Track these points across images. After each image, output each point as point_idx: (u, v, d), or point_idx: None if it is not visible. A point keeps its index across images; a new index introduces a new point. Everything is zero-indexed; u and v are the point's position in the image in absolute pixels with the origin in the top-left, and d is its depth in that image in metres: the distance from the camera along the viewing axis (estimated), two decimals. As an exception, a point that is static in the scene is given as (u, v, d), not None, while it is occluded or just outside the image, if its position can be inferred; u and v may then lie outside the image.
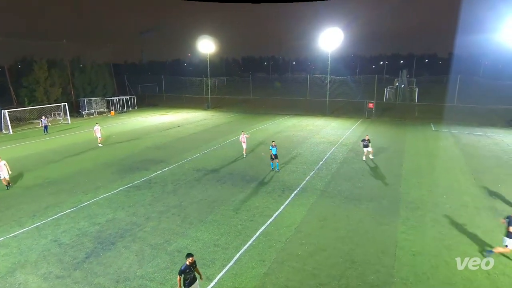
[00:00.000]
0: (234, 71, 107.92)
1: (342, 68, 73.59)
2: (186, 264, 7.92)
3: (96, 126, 26.21)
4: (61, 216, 13.60)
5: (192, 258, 7.97)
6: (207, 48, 49.39)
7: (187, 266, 7.89)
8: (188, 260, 7.90)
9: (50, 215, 13.68)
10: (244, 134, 21.86)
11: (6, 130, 32.48)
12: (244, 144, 21.78)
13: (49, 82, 42.81)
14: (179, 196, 15.53)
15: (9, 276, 9.74)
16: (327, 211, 13.86)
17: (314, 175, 18.36)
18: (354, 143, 25.78)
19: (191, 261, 7.93)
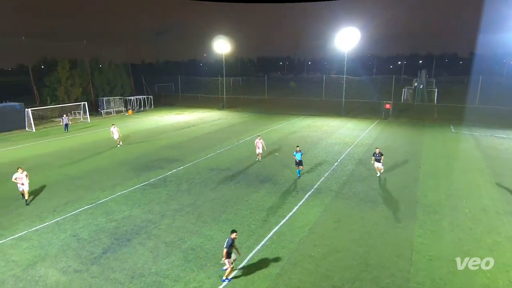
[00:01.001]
0: (249, 71, 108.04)
1: (359, 68, 72.57)
2: (231, 238, 9.20)
3: (113, 127, 25.98)
4: (79, 212, 14.00)
5: (236, 233, 9.35)
6: (223, 48, 49.68)
7: (233, 240, 9.21)
8: (233, 235, 9.25)
9: (69, 210, 14.10)
10: (259, 139, 20.94)
11: (29, 128, 33.68)
12: (259, 149, 20.87)
13: (70, 81, 44.14)
14: (193, 195, 15.70)
15: (30, 269, 10.10)
16: (342, 213, 13.70)
17: (329, 176, 18.18)
18: (370, 144, 25.38)
19: (235, 237, 9.27)
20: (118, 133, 25.70)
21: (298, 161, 17.64)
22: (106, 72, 50.37)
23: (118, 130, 25.90)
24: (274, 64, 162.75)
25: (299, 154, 17.62)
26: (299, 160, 17.63)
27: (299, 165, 17.74)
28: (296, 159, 17.66)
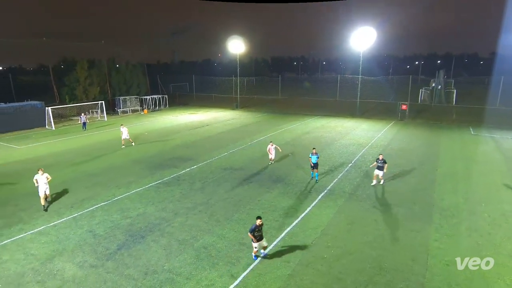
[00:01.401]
0: (263, 71, 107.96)
1: (374, 68, 71.40)
2: (256, 224, 9.89)
3: (122, 127, 25.74)
4: (96, 208, 14.33)
5: (261, 220, 9.99)
6: (237, 48, 49.86)
7: (256, 226, 9.86)
8: (258, 221, 9.90)
9: (86, 207, 14.46)
10: (272, 145, 20.18)
11: (49, 126, 34.72)
12: (271, 155, 20.12)
13: (88, 81, 45.28)
14: (206, 194, 15.82)
15: (48, 263, 10.42)
16: (355, 215, 13.53)
17: (343, 177, 17.99)
18: (386, 146, 24.96)
19: (260, 223, 9.89)
20: (127, 133, 25.50)
21: (313, 164, 17.19)
22: (123, 72, 51.40)
23: (127, 130, 25.71)
24: (288, 64, 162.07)
25: (314, 157, 17.06)
26: (314, 163, 17.16)
27: (314, 168, 17.29)
28: (312, 161, 17.22)
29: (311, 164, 17.30)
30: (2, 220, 13.24)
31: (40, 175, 14.12)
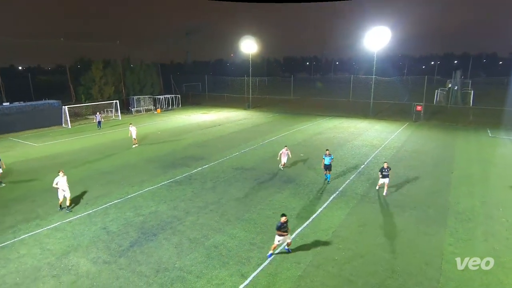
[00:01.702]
0: (276, 71, 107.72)
1: (389, 68, 70.27)
2: (281, 222, 10.15)
3: (131, 126, 25.72)
4: (109, 205, 14.60)
5: (286, 217, 10.24)
6: (250, 48, 49.96)
7: (282, 224, 10.13)
8: (283, 219, 10.17)
9: (100, 204, 14.75)
10: (286, 150, 19.18)
11: (65, 124, 35.58)
12: (284, 159, 19.14)
13: (103, 80, 46.22)
14: (218, 193, 15.91)
15: (63, 258, 10.68)
16: (367, 217, 13.36)
17: (355, 179, 17.79)
18: (399, 147, 24.55)
19: (285, 220, 10.17)
20: (136, 133, 25.48)
21: (326, 165, 16.87)
22: (137, 72, 52.22)
23: (136, 130, 25.71)
24: (300, 64, 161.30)
25: (328, 158, 16.71)
26: (326, 164, 16.86)
27: (327, 169, 17.03)
28: (324, 162, 16.91)
29: (324, 165, 17.03)
30: (20, 216, 13.64)
31: (61, 177, 13.80)
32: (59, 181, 13.65)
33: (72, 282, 9.49)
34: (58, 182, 13.63)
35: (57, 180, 13.63)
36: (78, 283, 9.45)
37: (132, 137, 25.49)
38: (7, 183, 17.49)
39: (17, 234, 12.14)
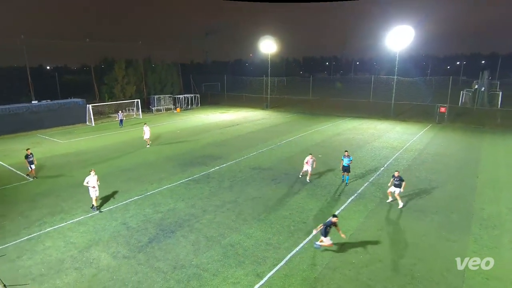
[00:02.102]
0: (295, 71, 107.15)
1: (411, 68, 68.48)
2: (331, 220, 10.52)
3: (145, 126, 25.62)
4: (129, 202, 14.98)
5: (337, 218, 10.63)
6: (269, 48, 49.91)
7: (332, 223, 10.47)
8: (333, 219, 10.51)
9: (120, 200, 15.15)
10: (311, 158, 17.22)
11: (89, 122, 36.79)
12: (307, 167, 17.12)
13: (125, 80, 47.45)
14: (235, 192, 15.99)
15: (85, 251, 11.05)
16: (387, 221, 13.06)
17: (374, 181, 17.43)
18: (421, 150, 23.85)
19: (335, 220, 10.52)
20: (149, 133, 25.41)
21: (344, 167, 16.68)
22: (158, 72, 53.29)
23: (150, 130, 25.64)
24: (320, 64, 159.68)
25: (347, 159, 16.54)
26: (345, 166, 16.66)
27: (345, 171, 16.81)
28: (343, 164, 16.73)
29: (342, 166, 16.83)
30: (46, 209, 14.22)
31: (92, 176, 13.98)
32: (90, 180, 13.87)
33: (93, 275, 9.80)
34: (89, 181, 13.86)
35: (88, 179, 13.88)
36: (98, 276, 9.75)
37: (145, 137, 25.31)
38: (34, 177, 18.29)
39: (43, 227, 12.67)
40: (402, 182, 14.07)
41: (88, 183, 13.82)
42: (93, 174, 14.02)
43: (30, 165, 17.92)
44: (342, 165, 16.80)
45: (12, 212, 13.98)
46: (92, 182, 13.89)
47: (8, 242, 11.59)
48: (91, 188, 13.91)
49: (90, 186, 13.86)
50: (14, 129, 31.10)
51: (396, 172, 14.44)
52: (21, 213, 13.94)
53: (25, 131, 31.75)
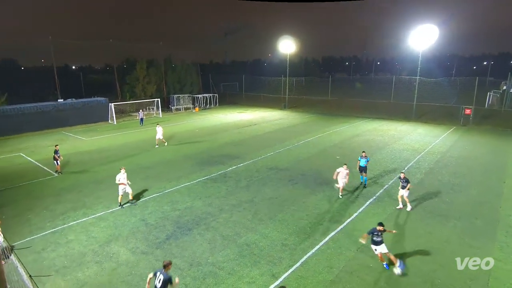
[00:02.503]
0: (314, 71, 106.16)
1: (435, 68, 66.32)
2: (375, 228, 9.91)
3: (158, 127, 25.58)
4: (148, 199, 15.30)
5: (382, 227, 9.86)
6: (288, 48, 49.70)
7: (375, 230, 9.88)
8: (378, 227, 9.86)
9: (139, 197, 15.50)
10: (346, 169, 15.24)
11: (111, 120, 37.86)
12: (343, 181, 15.15)
13: (146, 79, 48.52)
14: (251, 192, 16.03)
15: (106, 246, 11.38)
16: (406, 225, 12.72)
17: (394, 184, 17.01)
18: (444, 152, 23.08)
19: (380, 229, 9.85)
20: (161, 133, 25.34)
21: (361, 167, 16.55)
22: (178, 71, 54.15)
23: (162, 130, 25.61)
24: (339, 64, 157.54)
25: (363, 160, 16.41)
26: (362, 166, 16.53)
27: (362, 171, 16.65)
28: (360, 164, 16.60)
29: (359, 167, 16.64)
30: (69, 204, 14.75)
31: (122, 173, 14.29)
32: (121, 177, 14.19)
33: (113, 269, 10.08)
34: (120, 178, 14.17)
35: (119, 176, 14.22)
36: (118, 270, 10.02)
37: (156, 138, 25.29)
38: (59, 173, 19.01)
39: (67, 221, 13.15)
40: (408, 183, 13.80)
41: (119, 181, 14.17)
42: (123, 172, 14.38)
43: (56, 160, 18.69)
44: (359, 165, 16.64)
45: (38, 206, 14.59)
46: (122, 179, 14.23)
47: (34, 235, 12.10)
48: (120, 186, 14.24)
49: (120, 184, 14.19)
50: (41, 126, 32.44)
51: (402, 174, 14.18)
52: (46, 207, 14.53)
53: (51, 128, 33.05)
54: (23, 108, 31.87)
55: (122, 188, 14.28)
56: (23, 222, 13.09)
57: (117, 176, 14.30)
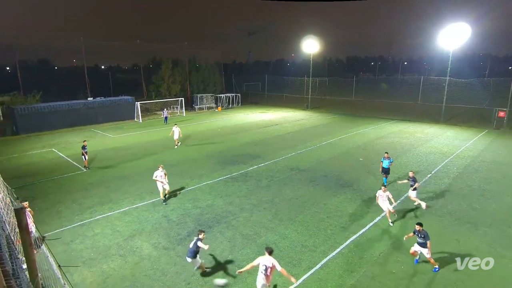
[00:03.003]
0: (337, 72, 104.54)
1: (466, 69, 63.41)
2: (416, 229, 10.01)
3: (175, 127, 25.52)
4: (171, 196, 15.62)
5: (420, 226, 9.95)
6: (311, 48, 49.22)
7: (416, 231, 9.98)
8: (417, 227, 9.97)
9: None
10: (385, 191, 12.98)
11: (137, 118, 39.02)
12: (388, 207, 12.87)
13: (171, 79, 49.61)
14: (272, 192, 16.00)
15: (129, 240, 11.74)
16: (432, 231, 12.18)
17: (419, 188, 16.42)
18: (475, 157, 22.03)
19: (418, 229, 9.92)
20: (178, 134, 25.20)
21: (384, 168, 16.52)
22: (202, 71, 55.01)
23: (179, 132, 25.47)
24: (364, 64, 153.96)
25: (386, 161, 16.44)
26: (384, 168, 16.47)
27: (384, 173, 16.61)
28: (383, 166, 16.57)
29: (381, 168, 16.62)
30: (96, 199, 15.34)
31: (160, 171, 14.63)
32: (158, 174, 14.53)
33: (136, 263, 10.38)
34: (157, 175, 14.52)
35: (156, 173, 14.55)
36: (140, 264, 10.31)
37: (174, 137, 25.24)
38: (87, 168, 19.81)
39: (93, 215, 13.68)
40: (415, 183, 13.88)
41: (156, 177, 14.55)
42: (160, 169, 14.75)
43: (84, 155, 19.48)
44: (382, 166, 16.59)
45: (68, 199, 15.29)
46: (160, 176, 14.59)
47: (64, 227, 12.68)
48: (159, 182, 14.61)
49: (158, 181, 14.58)
50: (72, 123, 33.96)
51: (411, 173, 14.34)
52: (75, 200, 15.19)
53: (81, 126, 34.51)
54: (55, 106, 33.48)
55: (160, 185, 14.61)
56: (54, 214, 13.75)
57: (155, 172, 14.63)
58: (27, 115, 31.50)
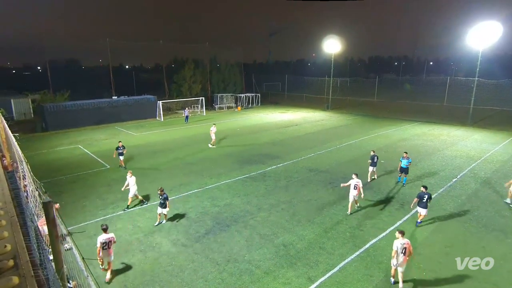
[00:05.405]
0: (359, 72, 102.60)
1: (496, 69, 60.60)
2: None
3: (213, 127, 25.73)
4: (190, 194, 15.88)
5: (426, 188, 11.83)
6: (333, 48, 48.56)
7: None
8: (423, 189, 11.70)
9: (182, 191, 16.14)
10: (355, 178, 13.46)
11: (159, 117, 39.87)
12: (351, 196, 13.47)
13: (193, 79, 50.39)
14: (290, 193, 15.92)
15: (149, 236, 12.02)
16: (457, 237, 11.81)
17: (444, 193, 15.88)
18: (504, 161, 21.03)
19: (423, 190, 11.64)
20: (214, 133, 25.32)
21: (402, 168, 16.70)
22: (222, 71, 55.54)
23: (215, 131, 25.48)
24: (387, 64, 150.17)
25: (405, 161, 16.66)
26: (403, 167, 16.65)
27: (402, 172, 16.74)
28: (401, 165, 16.71)
29: (400, 167, 16.81)
30: (119, 195, 15.78)
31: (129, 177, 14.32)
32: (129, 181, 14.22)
33: (155, 259, 10.62)
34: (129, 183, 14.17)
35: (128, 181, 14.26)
36: (159, 260, 10.53)
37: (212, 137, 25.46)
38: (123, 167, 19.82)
39: (116, 210, 14.10)
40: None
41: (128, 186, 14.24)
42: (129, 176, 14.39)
43: (120, 156, 19.84)
44: (400, 166, 16.78)
45: (92, 194, 15.83)
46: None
47: (88, 221, 13.15)
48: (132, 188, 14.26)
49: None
50: (97, 121, 35.11)
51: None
52: (99, 195, 15.71)
53: (106, 123, 35.64)
54: (82, 104, 34.74)
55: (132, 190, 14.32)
56: (79, 209, 14.28)
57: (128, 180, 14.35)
58: (56, 112, 32.86)
